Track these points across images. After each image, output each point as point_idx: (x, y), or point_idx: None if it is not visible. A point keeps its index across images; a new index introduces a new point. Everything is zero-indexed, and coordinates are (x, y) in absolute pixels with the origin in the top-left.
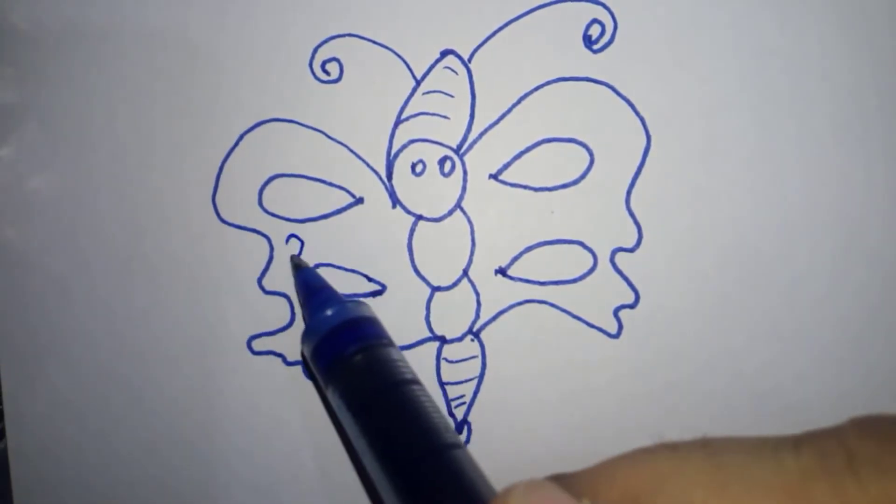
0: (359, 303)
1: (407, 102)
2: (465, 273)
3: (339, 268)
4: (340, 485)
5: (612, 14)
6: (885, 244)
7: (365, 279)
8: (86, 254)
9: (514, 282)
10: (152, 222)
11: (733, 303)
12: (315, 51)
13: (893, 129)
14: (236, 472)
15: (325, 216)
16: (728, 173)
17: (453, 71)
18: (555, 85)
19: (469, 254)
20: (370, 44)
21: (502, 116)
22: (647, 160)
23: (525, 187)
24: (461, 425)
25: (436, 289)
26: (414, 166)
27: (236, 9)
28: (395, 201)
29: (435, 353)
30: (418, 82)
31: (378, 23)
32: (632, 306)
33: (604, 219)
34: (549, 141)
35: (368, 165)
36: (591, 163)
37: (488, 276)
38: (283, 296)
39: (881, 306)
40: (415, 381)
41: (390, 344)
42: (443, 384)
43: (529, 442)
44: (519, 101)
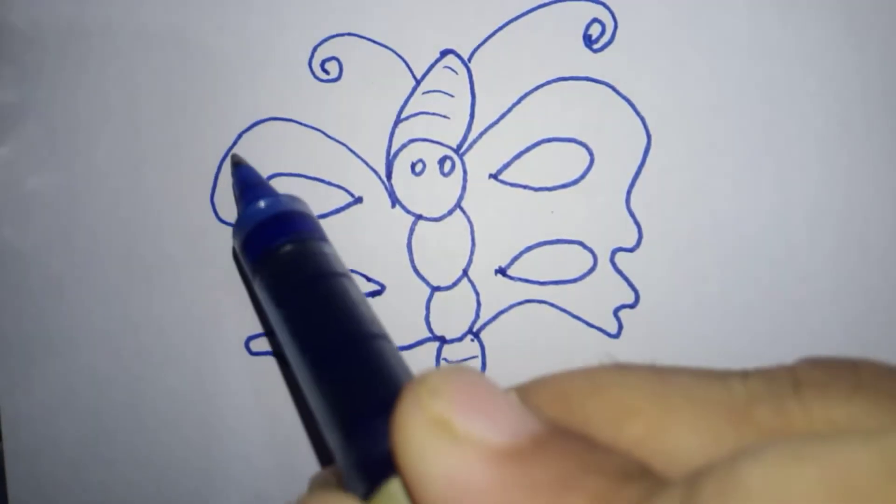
0: (293, 197)
1: (406, 102)
2: (465, 273)
3: None
4: None
5: (612, 13)
6: (887, 244)
7: (364, 279)
8: (84, 253)
9: (514, 282)
10: (150, 222)
11: (734, 303)
12: (314, 50)
13: (893, 128)
14: (234, 473)
15: (323, 216)
16: (728, 173)
17: (453, 70)
18: (555, 84)
19: (469, 254)
20: (370, 43)
21: (502, 116)
22: (648, 160)
23: (525, 187)
24: None
25: (435, 289)
26: (413, 166)
27: (235, 8)
28: (395, 201)
29: (435, 354)
30: (418, 82)
31: (378, 22)
32: (632, 306)
33: (604, 218)
34: (549, 141)
35: (368, 165)
36: (592, 162)
37: (488, 276)
38: None
39: (883, 306)
40: (344, 274)
41: (322, 239)
42: None
43: None
44: (519, 101)
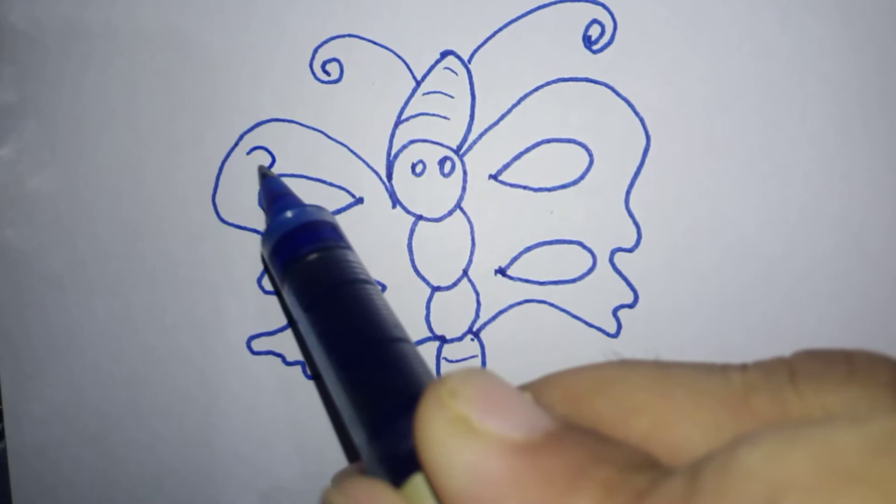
0: (319, 207)
1: (407, 103)
2: (465, 273)
3: None
4: None
5: (611, 14)
6: (885, 244)
7: None
8: (85, 254)
9: (514, 282)
10: (152, 222)
11: (732, 303)
12: (315, 51)
13: (893, 128)
14: (235, 472)
15: None
16: (728, 173)
17: (453, 72)
18: (554, 85)
19: (469, 254)
20: (370, 44)
21: (502, 117)
22: (647, 160)
23: (525, 188)
24: None
25: (436, 289)
26: (414, 166)
27: (236, 9)
28: (395, 201)
29: (435, 353)
30: (418, 83)
31: (378, 24)
32: (631, 306)
33: (603, 219)
34: (548, 141)
35: (368, 165)
36: (591, 163)
37: (488, 276)
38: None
39: (880, 305)
40: (368, 280)
41: (348, 247)
42: None
43: None
44: (519, 102)
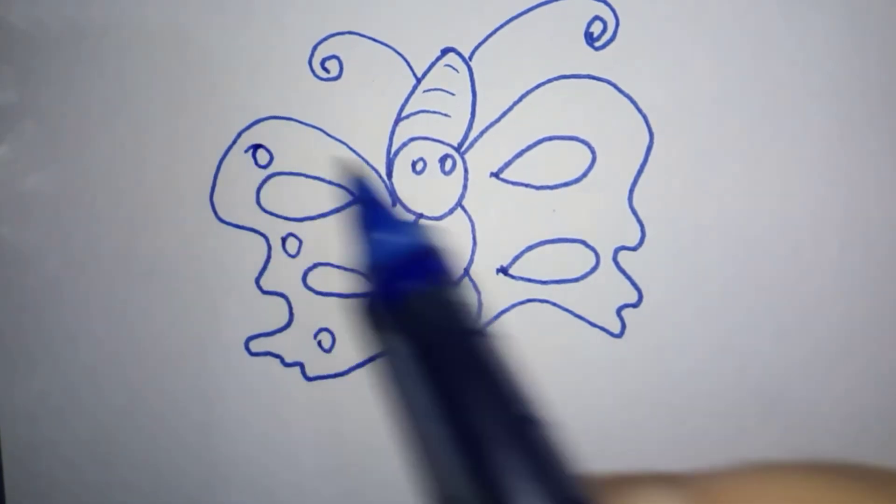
0: (419, 226)
1: (407, 100)
2: (467, 272)
3: (338, 267)
4: (339, 485)
5: (613, 11)
6: (888, 242)
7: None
8: (83, 253)
9: (516, 281)
10: (150, 221)
11: (736, 301)
12: (315, 48)
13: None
14: (234, 473)
15: (323, 215)
16: (731, 171)
17: (454, 69)
18: (556, 82)
19: (470, 253)
20: (370, 41)
21: (503, 114)
22: (650, 158)
23: (526, 185)
24: None
25: None
26: (414, 164)
27: (235, 6)
28: (396, 200)
29: None
30: (419, 80)
31: (378, 20)
32: (635, 305)
33: (606, 217)
34: (550, 139)
35: (368, 163)
36: (593, 160)
37: (489, 276)
38: (281, 296)
39: (884, 305)
40: (482, 331)
41: (455, 283)
42: None
43: None
44: (520, 99)
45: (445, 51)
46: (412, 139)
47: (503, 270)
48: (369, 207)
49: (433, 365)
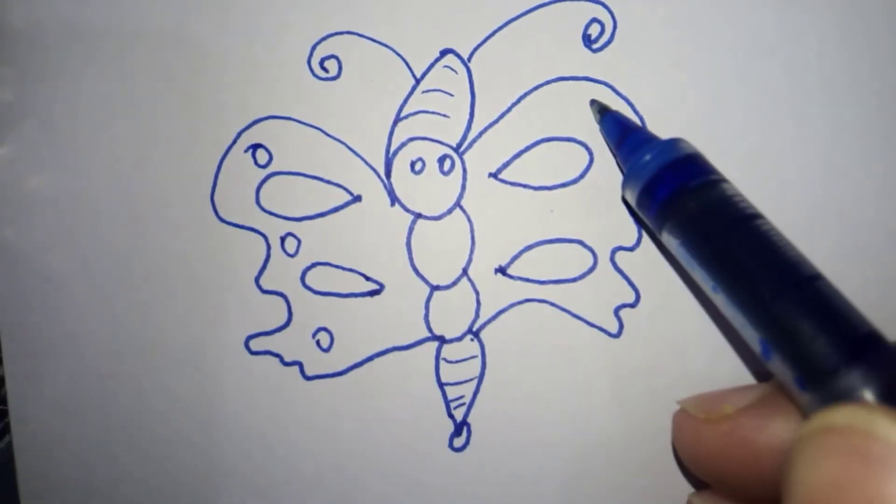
0: (679, 140)
1: (406, 101)
2: (465, 272)
3: (337, 267)
4: (338, 484)
5: (611, 13)
6: (884, 244)
7: (363, 278)
8: (84, 253)
9: (514, 281)
10: (151, 221)
11: None
12: (313, 48)
13: (892, 129)
14: (234, 472)
15: (322, 214)
16: (727, 172)
17: (453, 70)
18: (554, 84)
19: (468, 253)
20: (369, 42)
21: (502, 115)
22: None
23: (525, 186)
24: (460, 427)
25: (435, 288)
26: (413, 164)
27: (234, 5)
28: (394, 199)
29: (434, 353)
30: (418, 81)
31: (377, 21)
32: (632, 305)
33: (604, 218)
34: (548, 140)
35: (367, 163)
36: (591, 162)
37: (488, 275)
38: (280, 295)
39: (881, 306)
40: (758, 215)
41: (723, 180)
42: (442, 385)
43: (530, 443)
44: (518, 101)
45: (444, 52)
46: (411, 139)
47: (501, 270)
48: (624, 130)
49: (712, 253)
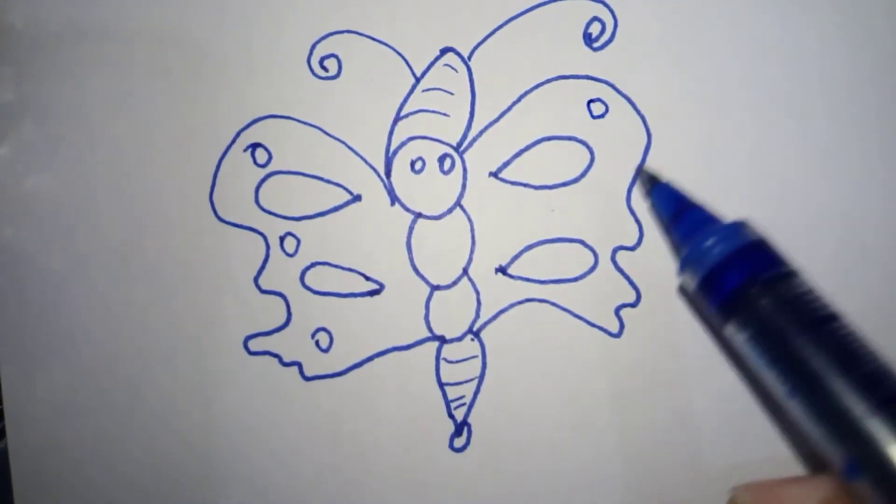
0: (745, 223)
1: (406, 100)
2: (465, 272)
3: (337, 266)
4: (338, 485)
5: (612, 12)
6: (884, 242)
7: (363, 278)
8: (84, 253)
9: (515, 280)
10: (150, 221)
11: None
12: (313, 47)
13: (892, 128)
14: (233, 472)
15: (321, 214)
16: (728, 171)
17: (453, 68)
18: (555, 83)
19: (469, 252)
20: (369, 40)
21: (502, 114)
22: (648, 158)
23: (525, 185)
24: (461, 427)
25: (435, 287)
26: (413, 164)
27: (234, 5)
28: (394, 199)
29: (434, 353)
30: (418, 80)
31: (377, 20)
32: (633, 305)
33: (605, 217)
34: (549, 139)
35: (367, 163)
36: (592, 161)
37: (488, 275)
38: (280, 295)
39: (880, 305)
40: (836, 315)
41: (795, 272)
42: (442, 385)
43: (530, 443)
44: (519, 99)
45: (444, 50)
46: (411, 138)
47: (502, 270)
48: (680, 205)
49: (786, 359)
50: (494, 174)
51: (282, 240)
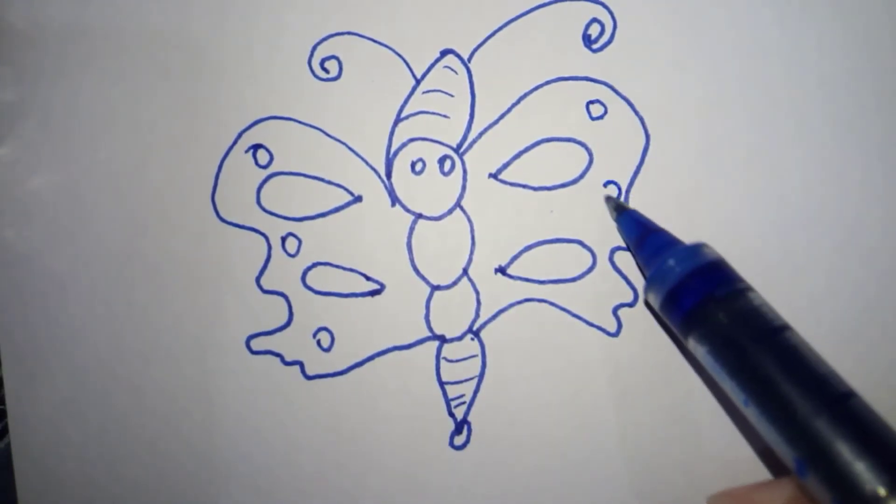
0: (703, 245)
1: (406, 101)
2: (465, 272)
3: (338, 266)
4: (339, 483)
5: (611, 13)
6: (882, 242)
7: (363, 278)
8: (85, 253)
9: (514, 280)
10: (151, 221)
11: None
12: (314, 48)
13: (891, 128)
14: (235, 471)
15: (323, 214)
16: (726, 172)
17: (453, 70)
18: (554, 84)
19: (469, 253)
20: (370, 42)
21: (502, 116)
22: (647, 159)
23: (525, 186)
24: (461, 425)
25: (435, 288)
26: (413, 165)
27: (235, 6)
28: (395, 200)
29: (434, 353)
30: (418, 81)
31: (378, 21)
32: (631, 305)
33: (603, 218)
34: (548, 140)
35: (367, 164)
36: (591, 162)
37: (488, 275)
38: (281, 295)
39: (879, 304)
40: (787, 326)
41: (749, 288)
42: (442, 384)
43: (530, 441)
44: (518, 101)
45: (445, 52)
46: (411, 140)
47: (501, 270)
48: (644, 231)
49: (742, 367)
50: (494, 175)
51: (283, 240)
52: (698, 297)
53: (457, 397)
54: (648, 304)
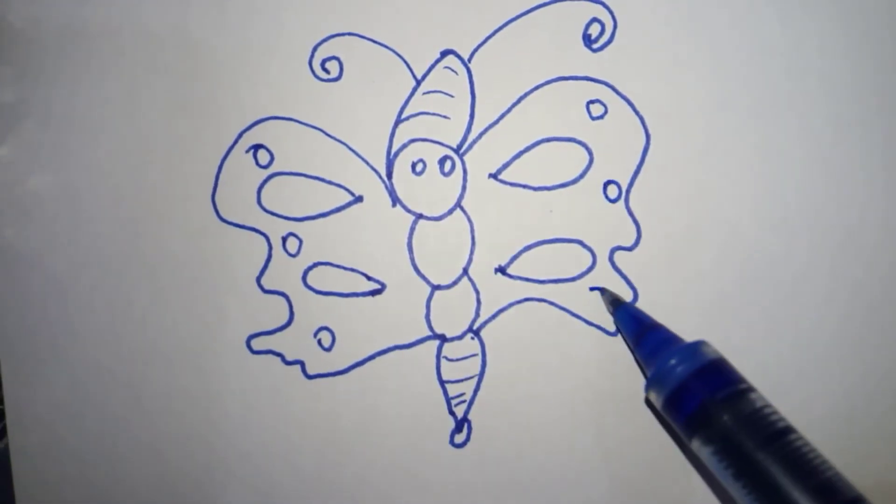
0: (702, 344)
1: (407, 102)
2: (465, 272)
3: (338, 266)
4: (338, 483)
5: (611, 13)
6: (883, 242)
7: (364, 278)
8: (85, 253)
9: (514, 280)
10: (151, 221)
11: (731, 301)
12: (315, 49)
13: (892, 129)
14: (235, 470)
15: (323, 214)
16: (727, 172)
17: (453, 71)
18: (554, 84)
19: (469, 252)
20: (370, 43)
21: (502, 116)
22: (647, 159)
23: (525, 186)
24: (461, 423)
25: (436, 287)
26: (414, 165)
27: (236, 7)
28: (395, 200)
29: (435, 352)
30: (418, 82)
31: (378, 22)
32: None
33: (603, 218)
34: (548, 140)
35: (368, 164)
36: (591, 162)
37: (488, 275)
38: (282, 294)
39: (879, 304)
40: (790, 429)
41: (751, 389)
42: (443, 382)
43: (529, 440)
44: (518, 101)
45: (445, 53)
46: (412, 140)
47: (501, 270)
48: (643, 327)
49: (746, 471)
50: (494, 175)
51: (284, 240)
52: (700, 400)
53: (457, 396)
54: (649, 402)
